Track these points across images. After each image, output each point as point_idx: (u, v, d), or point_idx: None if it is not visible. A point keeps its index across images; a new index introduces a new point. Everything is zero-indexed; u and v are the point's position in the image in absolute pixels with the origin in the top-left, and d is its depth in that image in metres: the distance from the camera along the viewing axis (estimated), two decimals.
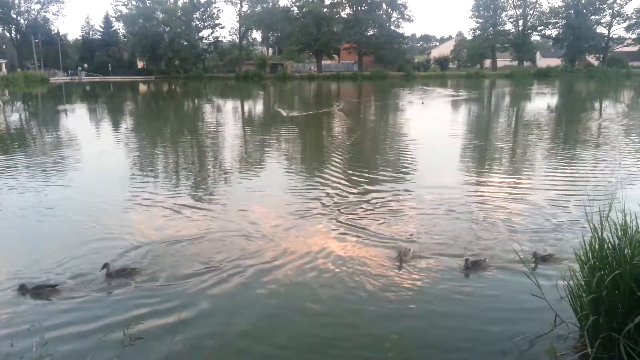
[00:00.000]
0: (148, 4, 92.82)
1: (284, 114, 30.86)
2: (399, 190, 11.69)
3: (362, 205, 10.40)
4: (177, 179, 13.78)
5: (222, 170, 14.92)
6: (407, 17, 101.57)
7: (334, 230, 8.86)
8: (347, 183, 12.42)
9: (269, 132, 24.18)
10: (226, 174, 14.23)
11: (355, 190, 11.68)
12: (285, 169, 15.08)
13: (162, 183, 13.13)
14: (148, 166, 15.53)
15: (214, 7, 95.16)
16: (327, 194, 11.34)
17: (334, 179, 12.93)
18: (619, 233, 5.15)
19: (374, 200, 10.75)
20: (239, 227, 9.01)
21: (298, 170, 14.93)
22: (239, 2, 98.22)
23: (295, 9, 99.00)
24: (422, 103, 36.98)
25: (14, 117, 33.23)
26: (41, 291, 6.55)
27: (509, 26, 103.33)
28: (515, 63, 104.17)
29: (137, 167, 15.29)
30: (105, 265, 7.04)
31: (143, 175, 14.00)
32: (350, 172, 13.87)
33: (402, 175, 13.59)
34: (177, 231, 8.89)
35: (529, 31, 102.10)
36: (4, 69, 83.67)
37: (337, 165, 14.91)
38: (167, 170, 15.13)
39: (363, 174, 13.51)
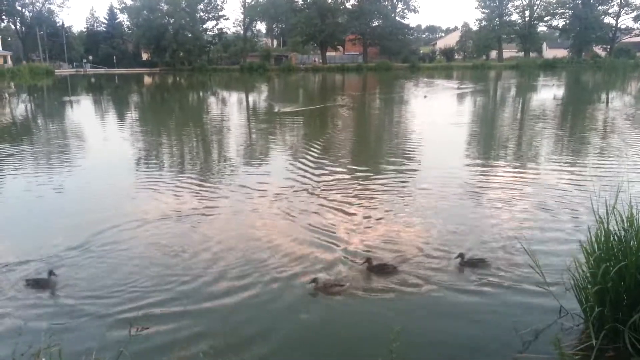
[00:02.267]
0: None
1: (276, 109, 28.54)
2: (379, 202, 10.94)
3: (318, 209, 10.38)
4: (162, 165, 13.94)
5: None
6: (413, 7, 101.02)
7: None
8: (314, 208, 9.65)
9: (239, 132, 21.48)
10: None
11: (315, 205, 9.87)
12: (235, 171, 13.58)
13: (146, 169, 13.54)
14: (142, 154, 15.68)
15: None
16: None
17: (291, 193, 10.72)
18: (625, 225, 5.13)
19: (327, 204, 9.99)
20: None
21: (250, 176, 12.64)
22: None
23: (300, 0, 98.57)
24: (425, 97, 36.40)
25: (20, 109, 33.46)
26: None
27: (515, 17, 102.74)
28: (521, 54, 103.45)
29: (136, 156, 15.38)
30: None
31: (138, 162, 14.15)
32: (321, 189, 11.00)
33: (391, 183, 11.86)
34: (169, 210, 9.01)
35: (535, 22, 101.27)
36: (9, 62, 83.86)
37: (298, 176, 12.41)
38: (156, 158, 15.37)
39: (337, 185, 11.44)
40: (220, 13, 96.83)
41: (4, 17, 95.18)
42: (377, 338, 5.28)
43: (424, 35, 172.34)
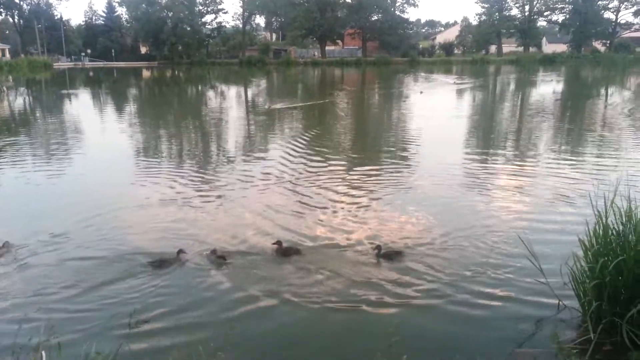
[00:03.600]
0: None
1: (266, 106, 27.30)
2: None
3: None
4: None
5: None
6: (412, 2, 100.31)
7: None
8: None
9: (223, 128, 20.82)
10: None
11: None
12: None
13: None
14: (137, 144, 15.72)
15: None
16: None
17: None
18: (624, 219, 5.15)
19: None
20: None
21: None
22: None
23: None
24: (421, 92, 35.76)
25: (19, 102, 33.45)
26: None
27: (514, 11, 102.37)
28: (521, 49, 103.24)
29: (130, 147, 15.42)
30: None
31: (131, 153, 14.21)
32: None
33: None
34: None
35: (535, 16, 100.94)
36: (7, 55, 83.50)
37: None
38: (148, 149, 15.39)
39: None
40: (219, 6, 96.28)
41: (1, 10, 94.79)
42: (375, 333, 5.30)
43: (424, 30, 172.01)
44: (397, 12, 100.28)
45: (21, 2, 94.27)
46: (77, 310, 5.80)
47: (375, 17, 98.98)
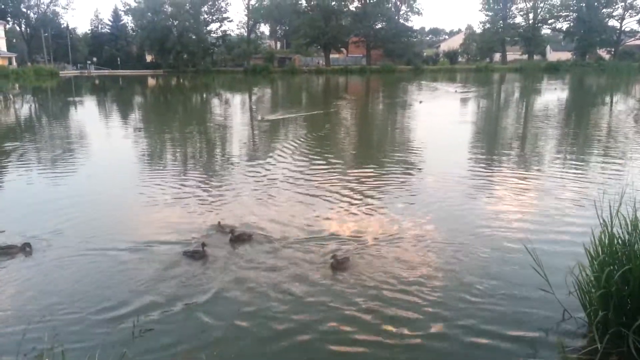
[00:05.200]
0: None
1: (259, 117, 25.50)
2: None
3: None
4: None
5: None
6: (416, 10, 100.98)
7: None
8: None
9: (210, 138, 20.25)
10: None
11: None
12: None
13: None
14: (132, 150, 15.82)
15: (222, 1, 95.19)
16: None
17: None
18: (629, 228, 5.11)
19: None
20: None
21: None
22: None
23: (304, 2, 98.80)
24: (420, 102, 34.93)
25: (25, 109, 33.75)
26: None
27: (519, 19, 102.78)
28: (525, 57, 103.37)
29: (131, 153, 15.51)
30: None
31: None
32: None
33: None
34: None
35: (539, 24, 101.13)
36: (14, 63, 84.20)
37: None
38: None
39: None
40: (224, 15, 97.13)
41: (9, 18, 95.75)
42: (379, 343, 5.27)
43: (428, 38, 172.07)
44: (402, 21, 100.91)
45: (28, 11, 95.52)
46: (80, 317, 5.79)
47: (379, 26, 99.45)
